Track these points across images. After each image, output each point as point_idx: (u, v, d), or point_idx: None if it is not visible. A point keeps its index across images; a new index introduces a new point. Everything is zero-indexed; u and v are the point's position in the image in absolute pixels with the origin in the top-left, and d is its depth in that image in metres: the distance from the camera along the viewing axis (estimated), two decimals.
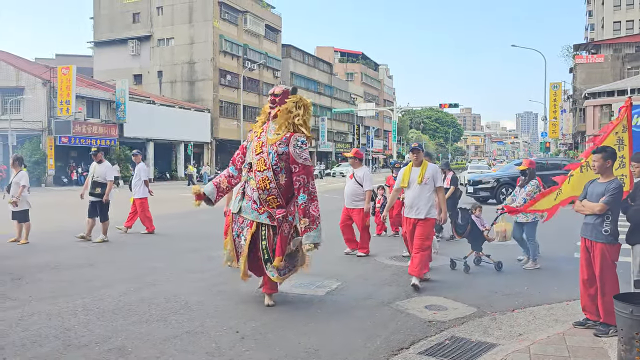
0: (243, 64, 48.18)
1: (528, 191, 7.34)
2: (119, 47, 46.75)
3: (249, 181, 5.32)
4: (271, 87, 25.88)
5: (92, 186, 9.59)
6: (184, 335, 4.45)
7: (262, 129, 5.46)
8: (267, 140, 5.30)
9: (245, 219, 5.29)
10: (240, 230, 5.33)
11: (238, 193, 5.45)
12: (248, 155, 5.45)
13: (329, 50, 79.34)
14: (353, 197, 8.25)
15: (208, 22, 44.81)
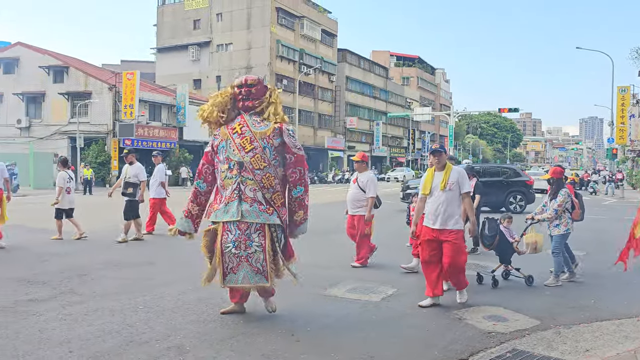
0: (299, 68, 48.66)
1: (560, 202, 6.74)
2: (180, 52, 48.29)
3: (245, 182, 4.70)
4: (327, 92, 25.62)
5: (125, 186, 9.91)
6: (240, 336, 4.49)
7: (238, 124, 4.86)
8: (256, 133, 4.77)
9: (252, 224, 4.68)
10: (245, 238, 4.67)
11: (230, 198, 4.73)
12: (227, 155, 4.78)
13: (385, 54, 78.90)
14: (355, 202, 7.78)
15: (265, 28, 45.58)
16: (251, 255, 4.67)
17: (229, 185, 4.75)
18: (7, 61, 36.32)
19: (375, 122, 61.81)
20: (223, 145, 4.83)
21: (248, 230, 4.68)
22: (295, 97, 46.81)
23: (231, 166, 4.75)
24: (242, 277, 4.70)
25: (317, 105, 52.67)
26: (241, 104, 4.90)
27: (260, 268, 4.70)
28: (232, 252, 4.66)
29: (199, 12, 48.26)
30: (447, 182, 5.45)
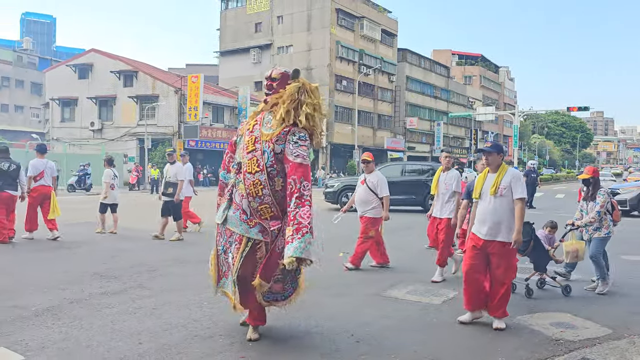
0: (359, 69, 48.58)
1: (601, 203, 6.27)
2: (242, 55, 49.34)
3: (238, 185, 4.25)
4: (386, 92, 25.20)
5: (165, 186, 10.18)
6: (301, 334, 4.55)
7: (255, 120, 4.37)
8: (262, 135, 4.20)
9: (234, 232, 4.25)
10: (228, 246, 4.29)
11: (224, 199, 4.45)
12: (238, 153, 4.41)
13: (446, 53, 77.45)
14: (365, 204, 7.56)
15: (325, 29, 45.81)
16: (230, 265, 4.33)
17: (230, 185, 4.42)
18: (82, 67, 38.41)
19: (436, 123, 60.77)
20: (238, 140, 4.50)
21: (231, 237, 4.28)
22: (355, 98, 46.75)
23: (234, 165, 4.41)
24: (227, 282, 4.40)
25: (376, 105, 52.40)
26: (264, 99, 4.44)
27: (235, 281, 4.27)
28: (222, 256, 4.40)
29: (261, 16, 49.13)
30: (499, 186, 4.81)
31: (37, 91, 52.94)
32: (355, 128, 45.48)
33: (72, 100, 38.60)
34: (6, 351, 4.00)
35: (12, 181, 9.32)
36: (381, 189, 7.49)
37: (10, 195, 9.30)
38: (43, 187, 9.80)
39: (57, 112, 39.62)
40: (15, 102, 53.38)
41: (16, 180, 9.44)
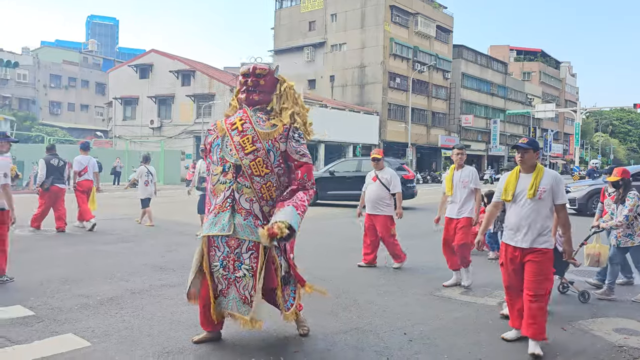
0: (412, 66, 48.03)
1: (630, 206, 5.82)
2: (296, 54, 49.79)
3: (240, 190, 3.90)
4: (441, 90, 24.63)
5: (199, 181, 10.37)
6: (353, 331, 4.57)
7: (240, 118, 4.05)
8: (260, 133, 3.95)
9: (244, 241, 3.88)
10: (235, 259, 3.89)
11: (221, 207, 3.94)
12: (222, 155, 3.99)
13: (504, 49, 75.35)
14: (378, 202, 7.33)
15: (379, 26, 45.54)
16: (239, 279, 3.90)
17: (221, 191, 3.96)
18: (143, 67, 39.85)
19: (493, 120, 59.25)
20: (218, 143, 4.04)
21: (239, 248, 3.88)
22: (409, 96, 46.26)
23: (226, 169, 3.96)
24: (231, 302, 3.98)
25: (430, 103, 51.66)
26: (245, 96, 4.09)
27: (247, 297, 3.90)
28: (220, 272, 3.96)
29: (314, 14, 49.39)
30: (538, 188, 4.24)
31: (101, 91, 55.35)
32: (408, 126, 45.02)
33: (133, 99, 40.13)
34: (74, 337, 4.23)
35: (60, 176, 10.20)
36: (394, 185, 7.35)
37: (60, 188, 10.15)
38: (87, 182, 10.73)
39: (119, 111, 41.30)
40: (81, 101, 55.98)
41: (64, 175, 10.32)
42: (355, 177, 16.58)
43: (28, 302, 5.12)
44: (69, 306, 5.07)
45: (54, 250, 8.12)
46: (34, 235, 9.64)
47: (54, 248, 8.37)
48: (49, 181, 10.01)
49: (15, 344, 4.05)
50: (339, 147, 42.13)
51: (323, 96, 46.21)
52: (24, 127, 40.93)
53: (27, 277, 6.23)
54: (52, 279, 6.11)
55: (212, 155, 4.07)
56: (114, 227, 11.06)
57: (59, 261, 7.20)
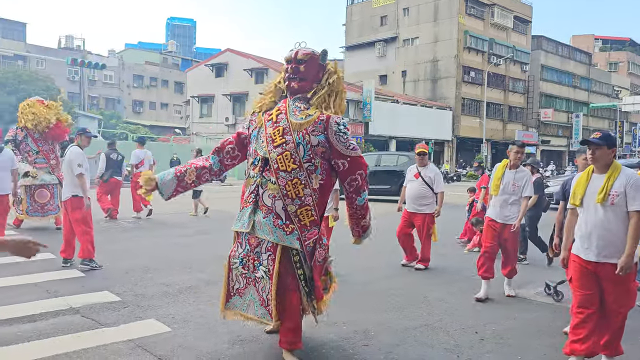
0: (488, 59, 46.53)
1: None
2: (367, 49, 49.60)
3: (264, 185, 3.59)
4: (518, 83, 23.58)
5: None
6: (423, 328, 4.54)
7: (277, 109, 3.75)
8: (292, 124, 3.61)
9: (263, 240, 3.59)
10: (255, 258, 3.61)
11: (246, 202, 3.70)
12: (253, 146, 3.75)
13: (588, 38, 71.28)
14: (420, 200, 7.02)
15: (453, 19, 44.46)
16: (258, 280, 3.61)
17: (249, 185, 3.72)
18: (219, 66, 41.16)
19: (575, 114, 56.25)
20: (255, 134, 3.78)
21: (258, 247, 3.61)
22: (484, 90, 44.86)
23: (255, 162, 3.68)
24: (247, 302, 3.68)
25: (507, 97, 49.84)
26: (287, 84, 3.80)
27: (265, 300, 3.59)
28: (240, 270, 3.68)
29: (386, 9, 48.95)
30: (610, 192, 3.53)
31: (179, 89, 57.66)
32: (483, 121, 43.69)
33: (209, 97, 41.56)
34: (156, 322, 4.50)
35: (118, 169, 11.01)
36: (438, 184, 7.08)
37: (117, 180, 10.97)
38: None
39: (196, 109, 42.91)
40: (161, 100, 58.62)
41: (121, 168, 11.11)
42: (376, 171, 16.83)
43: (115, 289, 5.48)
44: (151, 293, 5.38)
45: (135, 242, 8.61)
46: (115, 227, 10.25)
47: (135, 240, 8.87)
48: (108, 173, 10.86)
49: (104, 326, 4.36)
50: (410, 143, 41.57)
51: (394, 91, 45.78)
52: (110, 124, 43.45)
53: (114, 266, 6.66)
54: (135, 268, 6.50)
55: (250, 147, 3.81)
56: (189, 220, 11.56)
57: (140, 252, 7.63)
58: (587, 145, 3.69)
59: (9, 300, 5.00)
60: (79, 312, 4.71)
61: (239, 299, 3.70)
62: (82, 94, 46.12)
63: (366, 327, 4.48)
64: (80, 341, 4.00)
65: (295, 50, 3.77)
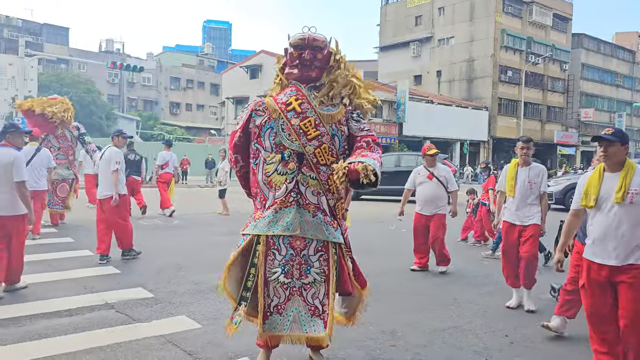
0: (526, 58, 45.58)
1: None
2: (401, 50, 49.27)
3: (305, 182, 3.33)
4: (558, 82, 22.89)
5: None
6: (452, 329, 4.50)
7: (295, 97, 3.44)
8: (323, 116, 3.40)
9: (311, 241, 3.31)
10: (302, 262, 3.29)
11: (284, 202, 3.32)
12: (278, 140, 3.37)
13: (632, 36, 68.77)
14: (437, 201, 6.78)
15: (490, 18, 43.74)
16: (307, 286, 3.28)
17: (280, 183, 3.33)
18: (253, 68, 41.59)
19: (617, 114, 54.48)
20: (272, 125, 3.38)
21: (306, 250, 3.30)
22: (521, 89, 43.98)
23: (285, 157, 3.34)
24: (291, 319, 3.29)
25: (545, 96, 48.70)
26: (298, 71, 3.50)
27: (319, 307, 3.29)
28: (281, 280, 3.28)
29: (421, 8, 48.52)
30: (628, 190, 3.34)
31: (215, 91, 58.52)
32: (520, 121, 42.84)
33: (243, 98, 41.99)
34: (187, 319, 4.60)
35: (136, 169, 11.28)
36: (452, 183, 6.89)
37: (135, 179, 11.09)
38: (167, 174, 12.27)
39: (231, 110, 43.44)
40: (197, 101, 59.61)
41: (140, 168, 11.51)
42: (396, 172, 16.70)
43: (148, 286, 5.62)
44: (182, 291, 5.50)
45: (168, 240, 8.80)
46: (148, 226, 10.49)
47: (168, 238, 9.07)
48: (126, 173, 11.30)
49: (137, 322, 4.48)
50: (445, 144, 41.10)
51: (429, 92, 45.33)
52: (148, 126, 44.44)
53: (147, 263, 6.83)
54: (168, 266, 6.65)
55: (263, 141, 3.40)
56: (217, 219, 11.73)
57: (173, 250, 7.79)
58: (599, 142, 3.45)
59: (49, 295, 5.20)
60: (113, 307, 4.86)
61: (279, 317, 3.26)
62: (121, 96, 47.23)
63: (393, 327, 4.47)
64: (114, 335, 4.13)
65: (306, 35, 3.47)
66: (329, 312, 3.25)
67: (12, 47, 39.62)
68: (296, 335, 3.28)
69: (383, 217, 12.81)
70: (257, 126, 3.43)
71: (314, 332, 3.24)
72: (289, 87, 3.55)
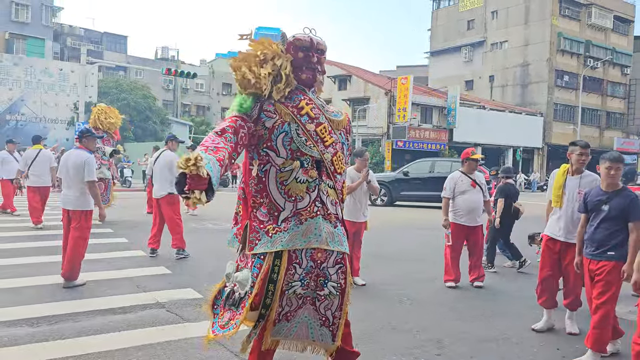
0: (584, 62, 44.01)
1: None
2: (453, 54, 48.59)
3: (325, 191, 3.12)
4: (618, 87, 22.18)
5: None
6: (500, 340, 4.40)
7: (305, 102, 3.16)
8: (333, 122, 3.23)
9: (331, 253, 3.09)
10: (321, 274, 3.07)
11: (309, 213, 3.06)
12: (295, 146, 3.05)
13: None
14: (479, 210, 6.35)
15: (545, 21, 42.53)
16: (321, 297, 3.11)
17: (302, 192, 3.07)
18: None
19: None
20: (286, 130, 3.05)
21: (325, 262, 3.10)
22: (578, 95, 42.46)
23: (305, 164, 3.07)
24: (298, 325, 3.10)
25: (605, 102, 46.82)
26: (309, 75, 3.25)
27: (329, 319, 3.12)
28: (297, 292, 3.07)
29: (473, 12, 47.72)
30: None
31: None
32: (577, 128, 41.33)
33: None
34: None
35: None
36: (486, 191, 6.53)
37: None
38: None
39: None
40: None
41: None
42: (430, 178, 16.81)
43: (198, 287, 5.77)
44: None
45: (218, 243, 8.96)
46: (202, 229, 10.75)
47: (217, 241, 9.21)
48: None
49: (186, 321, 4.61)
50: (497, 151, 40.18)
51: (481, 97, 44.44)
52: (200, 131, 45.57)
53: (198, 265, 7.03)
54: (218, 269, 6.75)
55: (275, 146, 3.05)
56: None
57: (223, 253, 7.91)
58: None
59: (105, 293, 5.43)
60: (164, 306, 5.02)
61: (286, 324, 3.08)
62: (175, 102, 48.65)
63: (439, 336, 4.41)
64: (164, 334, 4.27)
65: (310, 37, 3.23)
66: (339, 325, 3.14)
67: (75, 55, 41.64)
68: (303, 342, 3.15)
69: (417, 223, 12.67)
70: (268, 129, 3.05)
71: (321, 341, 3.13)
72: (292, 91, 3.21)
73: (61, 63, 37.38)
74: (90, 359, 3.71)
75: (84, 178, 5.74)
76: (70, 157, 5.92)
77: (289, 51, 3.21)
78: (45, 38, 38.82)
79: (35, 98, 33.89)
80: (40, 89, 34.27)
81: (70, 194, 5.80)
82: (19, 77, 33.71)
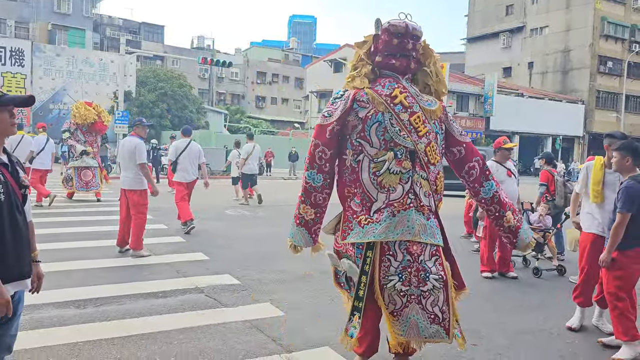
0: (629, 47, 42.40)
1: None
2: (490, 41, 47.52)
3: (418, 182, 3.08)
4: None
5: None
6: (538, 332, 4.36)
7: (399, 90, 3.12)
8: (426, 111, 3.15)
9: (426, 246, 3.06)
10: (420, 268, 3.02)
11: (401, 204, 3.04)
12: (389, 136, 3.04)
13: None
14: (515, 200, 6.12)
15: (588, 5, 41.09)
16: (426, 294, 3.01)
17: (395, 183, 3.04)
18: (337, 62, 41.81)
19: None
20: (379, 120, 3.05)
21: (422, 255, 3.03)
22: (623, 81, 40.99)
23: (399, 155, 3.04)
24: (408, 324, 3.03)
25: None
26: (400, 62, 3.16)
27: (439, 315, 3.05)
28: (397, 288, 3.01)
29: None
30: None
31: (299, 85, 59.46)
32: (621, 115, 40.01)
33: (327, 92, 42.39)
34: (270, 306, 4.78)
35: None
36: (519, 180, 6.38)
37: None
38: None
39: (314, 104, 44.02)
40: (282, 95, 60.89)
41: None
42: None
43: (235, 273, 5.89)
44: (268, 279, 5.71)
45: (255, 230, 9.12)
46: (239, 216, 10.91)
47: (254, 228, 9.39)
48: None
49: (224, 306, 4.72)
50: (536, 139, 39.31)
51: (519, 84, 43.43)
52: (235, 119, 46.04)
53: (235, 251, 7.15)
54: (254, 255, 6.91)
55: (369, 136, 3.07)
56: None
57: (261, 240, 8.07)
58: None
59: (146, 278, 5.61)
60: (203, 292, 5.15)
61: (394, 322, 3.06)
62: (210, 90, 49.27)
63: (476, 326, 4.39)
64: (204, 318, 4.38)
65: (406, 22, 3.15)
66: (450, 319, 3.08)
67: (114, 45, 42.48)
68: (415, 340, 3.08)
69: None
70: (361, 119, 3.08)
71: (437, 337, 3.05)
72: (386, 78, 3.19)
73: (101, 53, 38.25)
74: (134, 340, 3.85)
75: (136, 161, 6.52)
76: (125, 144, 6.73)
77: (383, 37, 3.16)
78: (85, 29, 39.74)
79: (76, 87, 34.81)
80: (81, 79, 35.19)
81: (127, 175, 6.65)
82: (62, 67, 34.68)
